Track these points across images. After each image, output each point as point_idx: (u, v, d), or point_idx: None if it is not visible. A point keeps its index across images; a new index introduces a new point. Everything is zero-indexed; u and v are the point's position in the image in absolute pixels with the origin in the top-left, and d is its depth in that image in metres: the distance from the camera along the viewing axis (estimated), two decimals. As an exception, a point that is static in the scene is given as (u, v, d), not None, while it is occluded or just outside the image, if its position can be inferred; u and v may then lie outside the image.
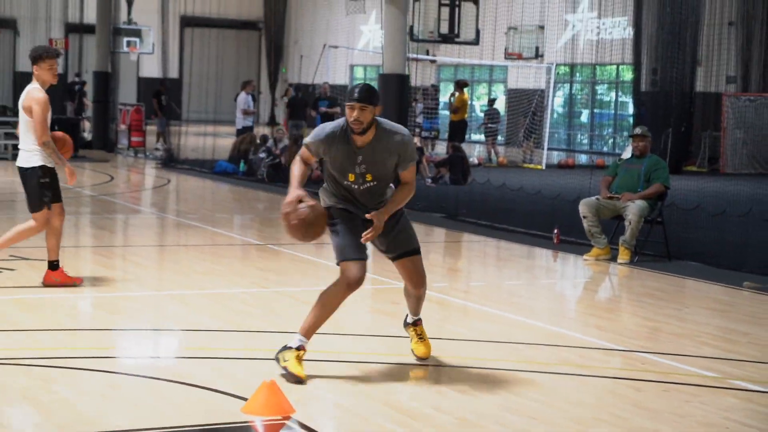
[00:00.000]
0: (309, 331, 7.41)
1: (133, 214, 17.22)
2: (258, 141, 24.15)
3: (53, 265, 10.23)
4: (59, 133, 10.35)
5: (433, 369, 7.69)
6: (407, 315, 8.00)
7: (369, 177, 7.33)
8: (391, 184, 7.57)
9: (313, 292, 10.65)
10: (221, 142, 31.99)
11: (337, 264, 7.39)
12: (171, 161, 26.31)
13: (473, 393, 7.04)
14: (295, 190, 7.35)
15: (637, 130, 13.55)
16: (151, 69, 45.56)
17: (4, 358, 7.51)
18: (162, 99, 29.97)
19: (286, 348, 7.34)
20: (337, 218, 7.45)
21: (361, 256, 7.33)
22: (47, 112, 9.83)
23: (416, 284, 7.62)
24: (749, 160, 29.21)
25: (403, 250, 7.53)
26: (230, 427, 6.20)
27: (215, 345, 8.22)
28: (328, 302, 7.39)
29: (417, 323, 7.92)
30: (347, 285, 7.30)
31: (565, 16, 36.37)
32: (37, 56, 9.96)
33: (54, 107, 11.31)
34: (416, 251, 7.57)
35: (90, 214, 16.66)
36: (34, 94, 9.98)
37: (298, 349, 7.29)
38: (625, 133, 30.94)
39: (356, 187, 7.38)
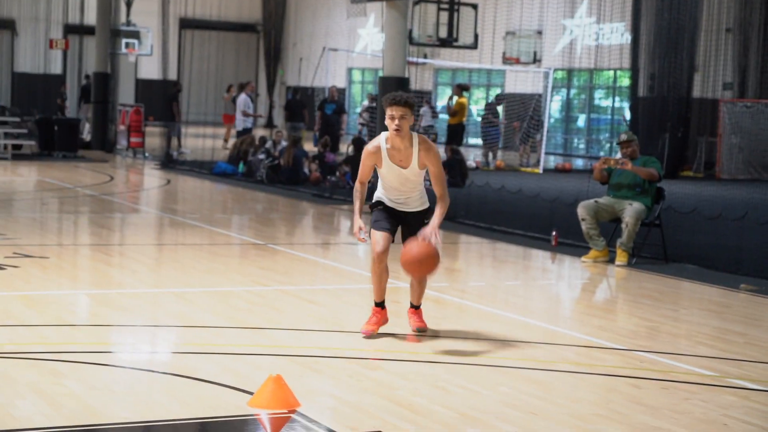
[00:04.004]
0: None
1: (132, 213, 17.31)
2: (257, 142, 24.25)
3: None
4: None
5: (433, 366, 7.79)
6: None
7: None
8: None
9: (314, 291, 10.79)
10: (220, 143, 32.10)
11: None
12: (170, 162, 26.40)
13: (474, 389, 7.14)
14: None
15: (622, 137, 13.53)
16: (149, 70, 45.65)
17: (12, 352, 7.61)
18: (179, 101, 30.01)
19: None
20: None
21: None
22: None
23: None
24: (745, 166, 29.33)
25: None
26: (236, 420, 6.29)
27: (218, 341, 8.30)
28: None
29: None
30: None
31: (563, 21, 36.49)
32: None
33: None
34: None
35: (89, 213, 16.74)
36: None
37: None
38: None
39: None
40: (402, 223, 8.71)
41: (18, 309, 9.12)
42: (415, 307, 8.84)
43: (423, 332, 8.70)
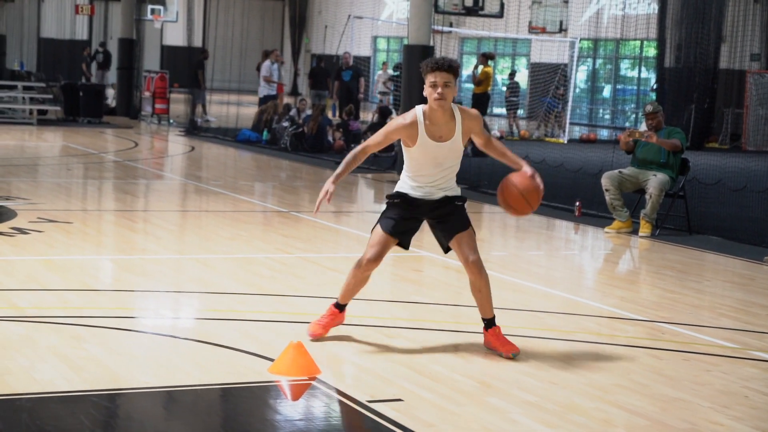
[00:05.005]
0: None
1: (156, 179, 17.35)
2: (281, 110, 24.24)
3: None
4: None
5: (455, 335, 7.79)
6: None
7: None
8: None
9: (336, 258, 10.80)
10: (244, 110, 32.11)
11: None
12: (194, 129, 26.43)
13: (494, 358, 7.14)
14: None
15: (648, 108, 13.50)
16: (174, 37, 45.65)
17: (35, 316, 7.65)
18: (204, 69, 29.89)
19: None
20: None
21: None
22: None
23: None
24: (772, 138, 29.14)
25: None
26: (257, 387, 6.32)
27: (240, 308, 8.33)
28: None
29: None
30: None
31: (589, -10, 36.27)
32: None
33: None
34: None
35: (114, 179, 16.80)
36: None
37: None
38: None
39: None
40: (430, 220, 7.48)
41: (41, 273, 9.17)
42: (490, 324, 7.34)
43: (517, 355, 7.15)
